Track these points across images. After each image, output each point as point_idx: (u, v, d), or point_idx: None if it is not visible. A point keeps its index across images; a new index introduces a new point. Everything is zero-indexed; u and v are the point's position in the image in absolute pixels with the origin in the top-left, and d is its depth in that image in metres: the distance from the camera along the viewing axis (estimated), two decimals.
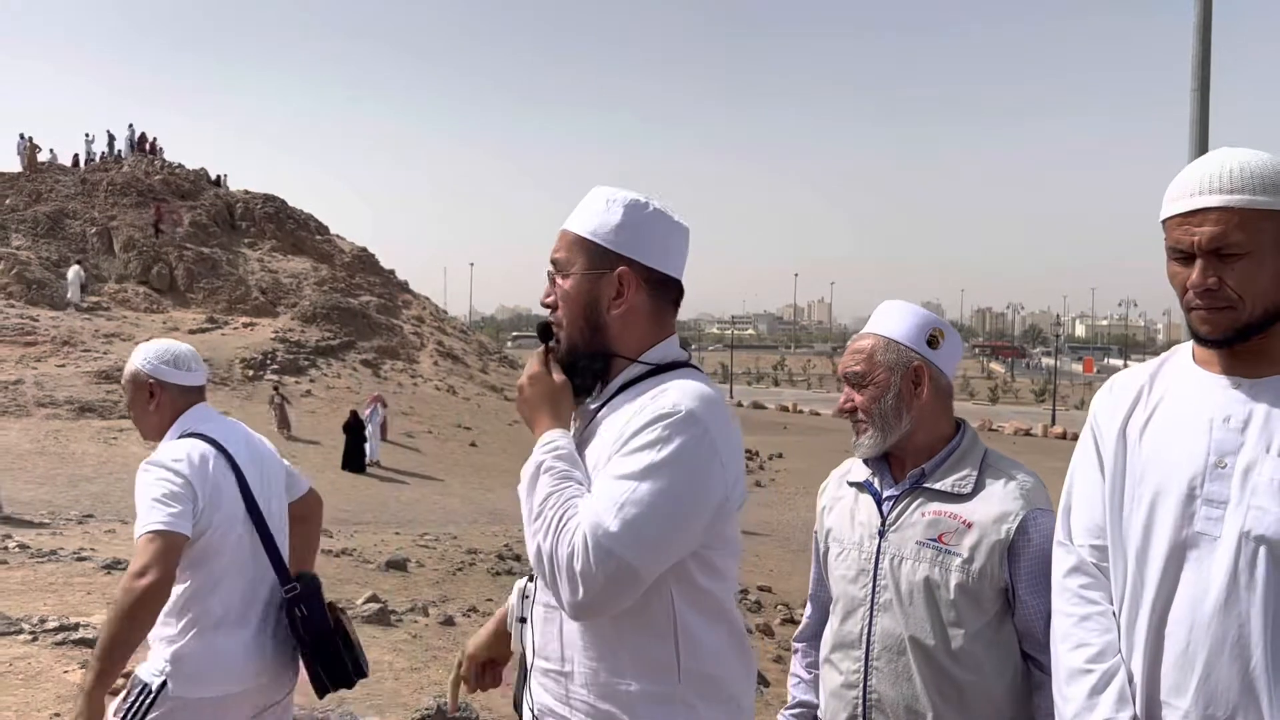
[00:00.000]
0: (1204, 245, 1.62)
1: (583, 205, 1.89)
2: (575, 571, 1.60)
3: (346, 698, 5.27)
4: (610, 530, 1.60)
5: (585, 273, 1.83)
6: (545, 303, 1.89)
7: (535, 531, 1.68)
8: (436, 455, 25.43)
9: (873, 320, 2.35)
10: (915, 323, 2.29)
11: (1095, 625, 1.77)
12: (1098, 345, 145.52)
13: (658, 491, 1.63)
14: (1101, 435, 1.84)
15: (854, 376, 2.28)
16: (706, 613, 1.77)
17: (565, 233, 1.88)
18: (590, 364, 1.85)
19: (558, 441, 1.77)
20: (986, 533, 2.08)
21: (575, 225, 1.87)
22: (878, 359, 2.26)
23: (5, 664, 5.34)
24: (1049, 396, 56.83)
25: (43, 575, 8.39)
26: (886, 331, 2.29)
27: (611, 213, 1.84)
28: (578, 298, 1.84)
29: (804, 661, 2.48)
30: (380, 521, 16.99)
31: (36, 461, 18.33)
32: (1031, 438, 44.26)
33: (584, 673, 1.75)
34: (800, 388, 78.06)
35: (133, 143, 45.27)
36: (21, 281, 30.79)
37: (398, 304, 40.48)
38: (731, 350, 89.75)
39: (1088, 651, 1.75)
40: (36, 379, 24.00)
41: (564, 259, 1.86)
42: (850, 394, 2.29)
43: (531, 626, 1.87)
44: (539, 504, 1.69)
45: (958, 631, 2.07)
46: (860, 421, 2.26)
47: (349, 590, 9.02)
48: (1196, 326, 1.68)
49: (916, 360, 2.24)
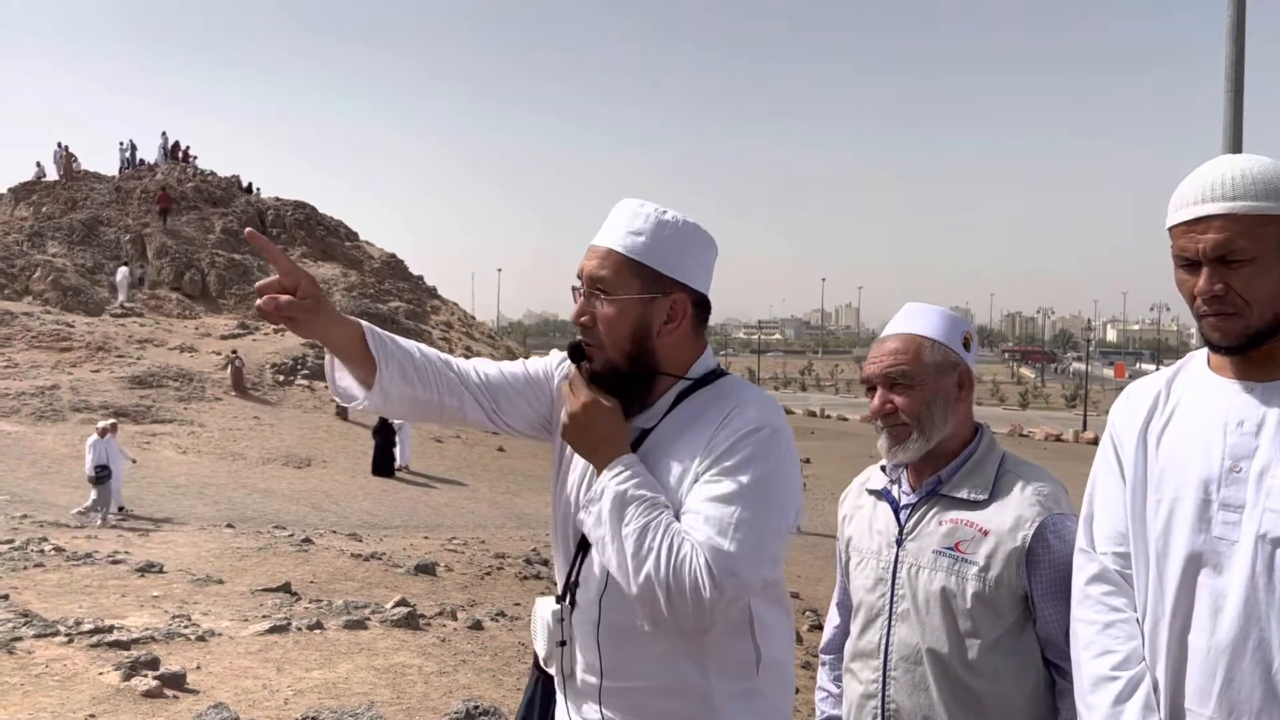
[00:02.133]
0: (1209, 253, 1.63)
1: (623, 222, 1.84)
2: (703, 598, 1.61)
3: (376, 701, 5.30)
4: (730, 552, 1.63)
5: (637, 296, 1.79)
6: (581, 321, 1.83)
7: (642, 563, 1.65)
8: (465, 460, 25.55)
9: (904, 320, 2.23)
10: (951, 323, 2.21)
11: (1119, 632, 1.76)
12: (1130, 350, 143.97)
13: (762, 507, 1.68)
14: (1120, 442, 1.84)
15: (897, 376, 2.15)
16: (774, 602, 1.86)
17: (611, 252, 1.81)
18: (632, 384, 1.83)
19: (632, 469, 1.74)
20: (1003, 540, 2.03)
21: (621, 244, 1.81)
22: (925, 359, 2.15)
23: (41, 665, 5.41)
24: (1080, 402, 56.29)
25: (78, 578, 8.51)
26: (927, 331, 2.18)
27: (662, 235, 1.81)
28: (626, 321, 1.79)
29: (831, 675, 2.43)
30: (409, 526, 17.08)
31: (72, 466, 18.56)
32: (1063, 443, 43.90)
33: (667, 683, 1.77)
34: (828, 393, 77.76)
35: (166, 151, 45.85)
36: (58, 288, 31.24)
37: (426, 309, 40.74)
38: (758, 355, 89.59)
39: (1112, 659, 1.74)
40: (72, 384, 24.32)
41: (611, 279, 1.80)
42: (889, 396, 2.16)
43: (595, 646, 1.83)
44: (637, 535, 1.66)
45: (975, 641, 2.03)
46: (901, 425, 2.14)
47: (378, 594, 9.08)
48: (1208, 333, 1.69)
49: (961, 362, 2.17)
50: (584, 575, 1.85)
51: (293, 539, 12.50)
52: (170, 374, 26.34)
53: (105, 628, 6.27)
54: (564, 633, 1.87)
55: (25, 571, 8.60)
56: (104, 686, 5.14)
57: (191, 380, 26.47)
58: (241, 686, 5.41)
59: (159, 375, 26.02)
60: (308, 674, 5.73)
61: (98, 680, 5.24)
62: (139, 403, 23.86)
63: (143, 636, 6.13)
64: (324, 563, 10.68)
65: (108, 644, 5.86)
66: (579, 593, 1.86)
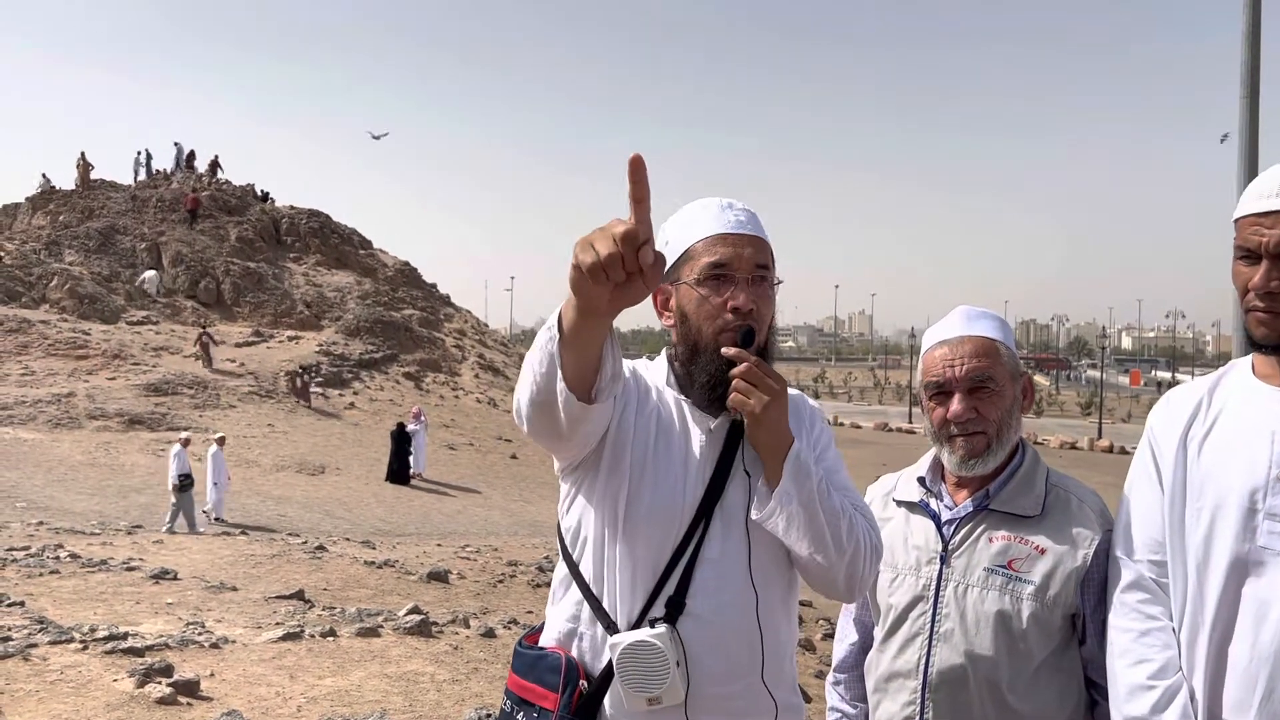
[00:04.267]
0: (1271, 248, 1.60)
1: (754, 215, 1.86)
2: (871, 562, 1.81)
3: (389, 709, 5.30)
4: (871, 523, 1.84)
5: (778, 282, 1.86)
6: (748, 307, 1.75)
7: (853, 532, 1.76)
8: (478, 467, 25.56)
9: (966, 323, 2.07)
10: (1009, 330, 2.08)
11: (1156, 641, 1.73)
12: (1145, 357, 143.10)
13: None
14: (1159, 449, 1.81)
15: (984, 381, 2.00)
16: None
17: (765, 243, 1.83)
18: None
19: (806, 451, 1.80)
20: (1062, 559, 1.94)
21: (766, 236, 1.85)
22: (1004, 362, 2.02)
23: (56, 672, 5.43)
24: (1095, 409, 55.99)
25: (93, 585, 8.54)
26: (994, 335, 2.05)
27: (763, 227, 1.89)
28: (773, 305, 1.84)
29: (848, 695, 2.30)
30: (422, 533, 17.10)
31: (88, 473, 18.67)
32: (1078, 451, 43.64)
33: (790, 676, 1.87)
34: (841, 400, 77.51)
35: (181, 160, 46.11)
36: (74, 296, 31.43)
37: (440, 317, 40.81)
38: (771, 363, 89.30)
39: (1149, 668, 1.71)
40: (88, 391, 24.46)
41: (770, 267, 1.83)
42: (972, 402, 2.00)
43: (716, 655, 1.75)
44: (840, 508, 1.76)
45: (1025, 662, 1.94)
46: (979, 435, 2.00)
47: (391, 602, 9.08)
48: (1252, 329, 1.66)
49: (1025, 370, 2.07)
50: (699, 580, 1.75)
51: (306, 546, 12.52)
52: (185, 381, 26.46)
53: (120, 635, 6.29)
54: (679, 651, 1.72)
55: (41, 578, 8.64)
56: (118, 694, 5.15)
57: (206, 388, 26.58)
58: (255, 694, 5.41)
59: (174, 383, 26.14)
60: (320, 681, 5.73)
61: (112, 687, 5.25)
62: (154, 410, 23.98)
63: (157, 643, 6.15)
64: (337, 570, 10.70)
65: (122, 651, 5.88)
66: (692, 601, 1.75)
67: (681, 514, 1.77)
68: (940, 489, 2.11)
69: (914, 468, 2.22)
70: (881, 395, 79.01)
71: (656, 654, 1.69)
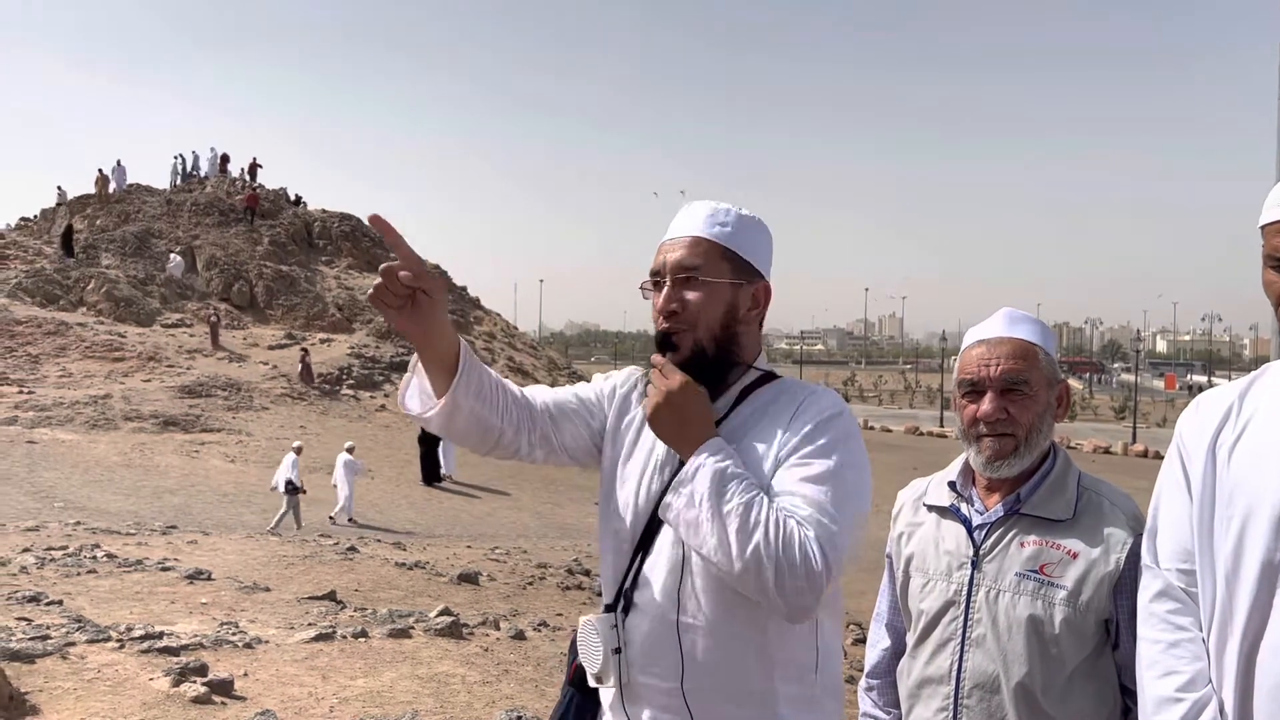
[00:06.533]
0: None
1: (703, 213, 1.89)
2: (814, 571, 1.62)
3: (420, 710, 5.33)
4: (835, 530, 1.66)
5: (729, 280, 1.85)
6: (670, 309, 1.85)
7: (750, 536, 1.63)
8: (507, 470, 25.62)
9: (1007, 325, 2.05)
10: (1051, 336, 2.05)
11: (1184, 652, 1.69)
12: (1180, 361, 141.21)
13: (852, 487, 1.73)
14: (1188, 455, 1.76)
15: (1018, 383, 1.98)
16: (833, 611, 1.87)
17: (700, 239, 1.86)
18: (715, 370, 1.86)
19: (725, 450, 1.75)
20: (1094, 564, 1.91)
21: (708, 233, 1.86)
22: (1041, 366, 2.00)
23: (94, 671, 5.50)
24: (1129, 414, 55.35)
25: (129, 584, 8.65)
26: (1034, 339, 2.02)
27: (745, 226, 1.90)
28: (719, 304, 1.85)
29: (881, 701, 2.29)
30: (452, 535, 17.18)
31: (123, 474, 18.91)
32: (1111, 455, 43.18)
33: (730, 684, 1.77)
34: (871, 404, 77.12)
35: (216, 164, 46.68)
36: (110, 299, 31.88)
37: (469, 320, 41.02)
38: (801, 366, 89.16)
39: (1177, 680, 1.68)
40: (124, 393, 24.79)
41: (703, 265, 1.84)
42: (1003, 403, 1.99)
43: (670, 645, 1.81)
44: (743, 510, 1.65)
45: (1058, 668, 1.91)
46: (1007, 437, 1.99)
47: (422, 603, 9.14)
48: None
49: (1062, 377, 2.04)
50: (644, 577, 1.85)
51: (338, 547, 12.62)
52: (219, 384, 26.75)
53: (155, 634, 6.36)
54: (619, 639, 1.85)
55: (78, 577, 8.77)
56: (154, 692, 5.21)
57: (240, 390, 26.85)
58: (288, 694, 5.46)
59: (208, 385, 26.44)
60: (352, 682, 5.77)
61: (148, 686, 5.31)
62: (188, 412, 24.26)
63: (191, 643, 6.22)
64: (368, 571, 10.78)
65: (158, 650, 5.95)
66: (637, 595, 1.85)
67: (639, 513, 1.89)
68: (971, 493, 2.09)
69: (944, 472, 2.19)
70: (912, 399, 78.47)
71: (595, 637, 1.86)
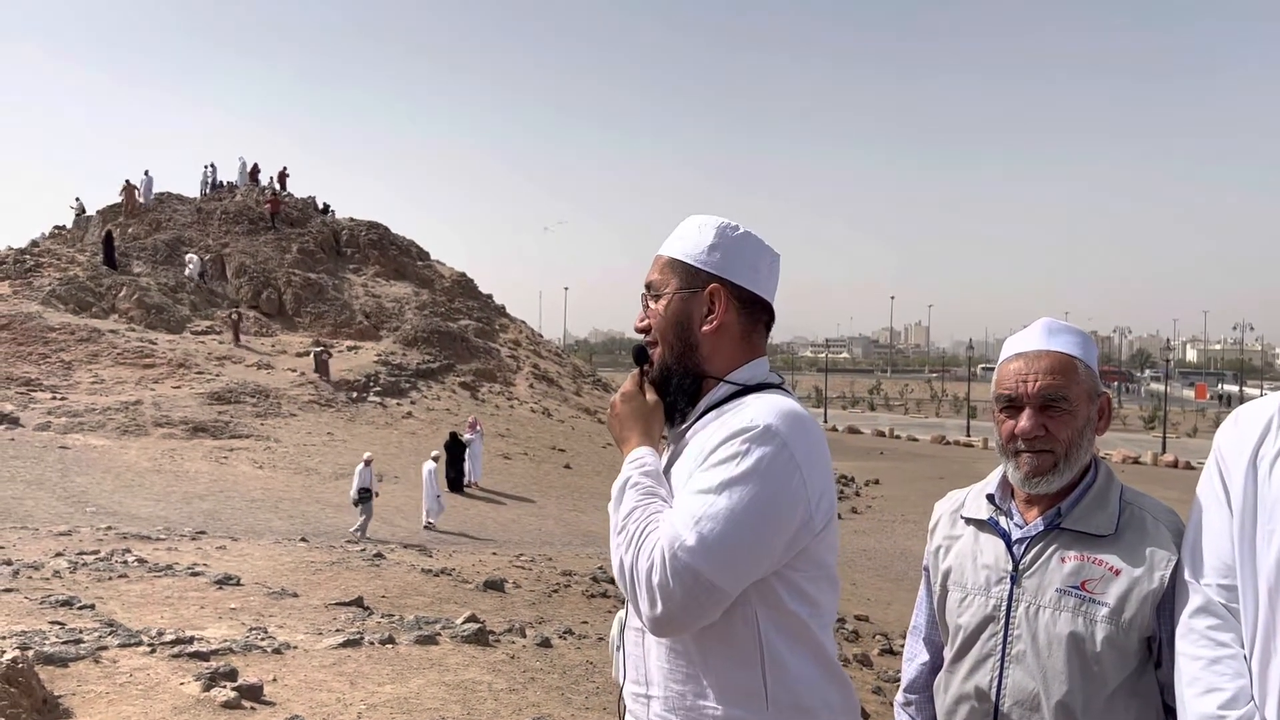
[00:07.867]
0: None
1: (676, 232, 1.97)
2: (654, 585, 1.60)
3: (447, 717, 5.36)
4: (687, 544, 1.59)
5: (678, 292, 1.88)
6: (639, 327, 1.94)
7: (618, 545, 1.69)
8: (532, 477, 25.71)
9: (1045, 337, 2.00)
10: (1092, 348, 1.99)
11: (1226, 669, 1.66)
12: (1211, 370, 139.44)
13: (735, 505, 1.62)
14: (1228, 468, 1.74)
15: (1056, 399, 1.93)
16: (794, 638, 1.73)
17: (659, 257, 1.95)
18: (682, 384, 1.87)
19: (645, 459, 1.80)
20: (1138, 581, 1.86)
21: (669, 250, 1.94)
22: (1081, 379, 1.95)
23: (126, 674, 5.57)
24: (1159, 424, 54.73)
25: (159, 589, 8.75)
26: (1074, 351, 1.97)
27: (703, 235, 1.91)
28: (671, 317, 1.88)
29: (920, 716, 2.22)
30: (478, 542, 17.24)
31: (154, 479, 19.11)
32: (1140, 466, 42.68)
33: (670, 696, 1.75)
34: (897, 413, 76.65)
35: (245, 173, 47.20)
36: (141, 306, 32.23)
37: (495, 328, 41.17)
38: (826, 374, 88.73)
39: (1220, 697, 1.65)
40: (154, 400, 25.05)
41: (658, 281, 1.91)
42: (1041, 419, 1.94)
43: (624, 652, 1.92)
44: (623, 518, 1.71)
45: (1099, 686, 1.86)
46: (1046, 453, 1.94)
47: (448, 610, 9.18)
48: None
49: (1104, 391, 1.99)
50: None
51: (365, 554, 12.70)
52: (248, 390, 26.99)
53: (186, 639, 6.43)
54: (621, 638, 1.95)
55: (110, 582, 8.88)
56: (185, 697, 5.27)
57: (268, 396, 27.08)
58: (316, 699, 5.51)
59: (237, 391, 26.68)
60: (380, 688, 5.81)
61: (179, 690, 5.37)
62: (217, 418, 24.49)
63: (221, 648, 6.28)
64: (395, 578, 10.83)
65: (188, 655, 6.01)
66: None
67: None
68: (1010, 506, 2.05)
69: (983, 484, 2.15)
70: (939, 408, 77.96)
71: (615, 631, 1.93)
